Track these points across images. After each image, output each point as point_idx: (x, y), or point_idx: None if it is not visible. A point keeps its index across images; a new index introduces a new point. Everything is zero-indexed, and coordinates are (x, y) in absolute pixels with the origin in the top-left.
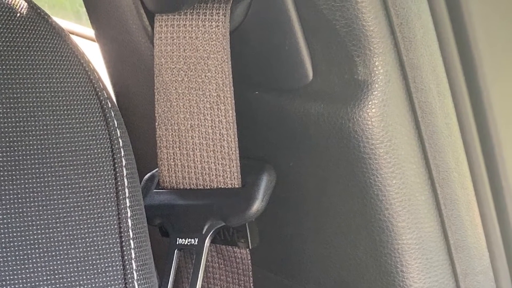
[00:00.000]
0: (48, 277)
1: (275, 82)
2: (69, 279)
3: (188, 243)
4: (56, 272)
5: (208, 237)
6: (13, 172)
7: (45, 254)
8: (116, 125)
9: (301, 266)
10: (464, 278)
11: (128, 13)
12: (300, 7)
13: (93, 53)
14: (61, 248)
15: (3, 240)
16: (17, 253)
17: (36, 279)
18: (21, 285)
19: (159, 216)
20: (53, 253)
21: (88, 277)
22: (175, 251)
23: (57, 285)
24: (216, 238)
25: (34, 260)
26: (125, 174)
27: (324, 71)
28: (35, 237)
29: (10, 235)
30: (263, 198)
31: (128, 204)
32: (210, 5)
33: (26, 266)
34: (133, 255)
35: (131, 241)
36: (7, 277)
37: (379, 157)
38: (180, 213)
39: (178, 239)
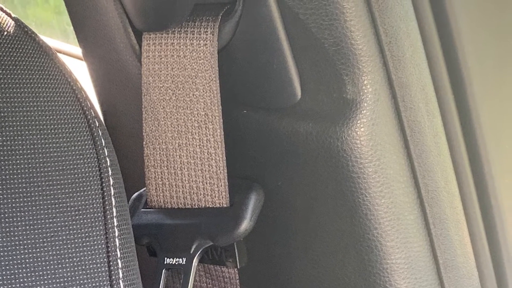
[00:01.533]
0: None
1: (263, 101)
2: None
3: (176, 263)
4: None
5: (196, 257)
6: (0, 192)
7: (32, 274)
8: (103, 144)
9: (290, 285)
10: None
11: (116, 32)
12: (288, 25)
13: (80, 71)
14: (48, 267)
15: None
16: (3, 272)
17: None
18: None
19: (146, 236)
20: (41, 273)
21: None
22: (163, 270)
23: None
24: (204, 258)
25: (21, 280)
26: (112, 193)
27: (313, 90)
28: (22, 256)
29: None
30: (251, 217)
31: (115, 224)
32: (198, 23)
33: (13, 286)
34: (120, 275)
35: (119, 261)
36: None
37: (367, 176)
38: (168, 233)
39: (166, 258)
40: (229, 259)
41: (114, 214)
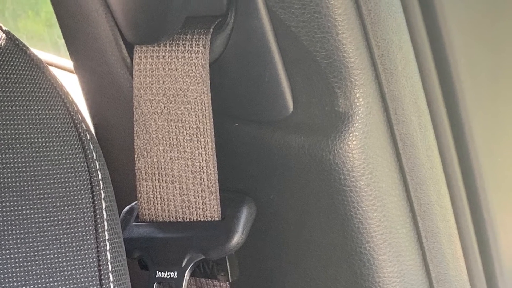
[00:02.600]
0: None
1: (255, 114)
2: None
3: (168, 276)
4: None
5: (187, 270)
6: None
7: None
8: (95, 157)
9: None
10: None
11: (107, 44)
12: (280, 38)
13: (71, 84)
14: (39, 281)
15: None
16: None
17: None
18: None
19: (138, 249)
20: (32, 286)
21: None
22: (154, 284)
23: None
24: (196, 271)
25: None
26: (104, 207)
27: (305, 103)
28: (13, 270)
29: None
30: (243, 231)
31: (107, 237)
32: (189, 36)
33: None
34: None
35: (110, 274)
36: None
37: (360, 190)
38: (159, 246)
39: (157, 272)
40: (221, 272)
41: (106, 227)
